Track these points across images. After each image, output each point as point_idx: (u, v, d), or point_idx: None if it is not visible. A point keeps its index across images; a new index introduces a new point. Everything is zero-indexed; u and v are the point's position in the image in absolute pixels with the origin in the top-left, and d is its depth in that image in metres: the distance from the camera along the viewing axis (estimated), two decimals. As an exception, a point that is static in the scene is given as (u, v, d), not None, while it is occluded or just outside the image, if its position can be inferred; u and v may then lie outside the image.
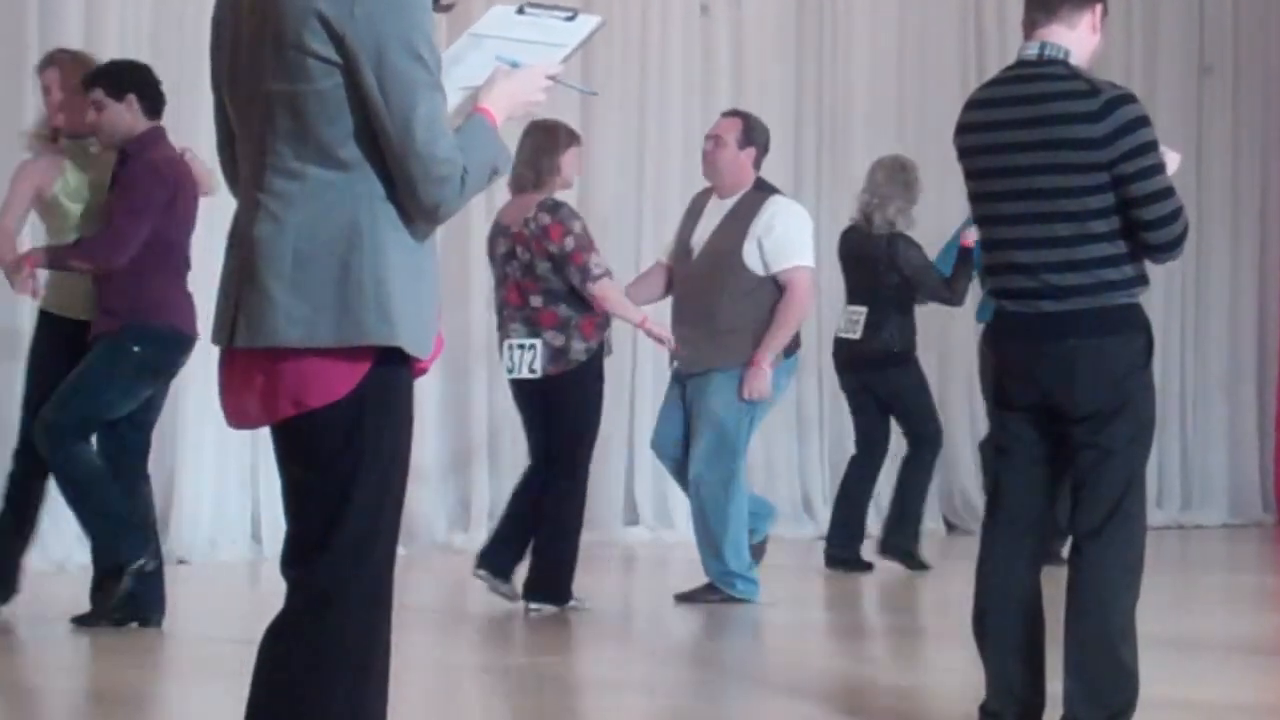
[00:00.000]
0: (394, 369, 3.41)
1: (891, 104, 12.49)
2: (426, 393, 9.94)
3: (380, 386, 3.39)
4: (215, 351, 3.52)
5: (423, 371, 3.50)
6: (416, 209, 3.37)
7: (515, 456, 10.87)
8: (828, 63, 12.39)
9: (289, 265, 3.34)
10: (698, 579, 8.34)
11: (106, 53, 9.54)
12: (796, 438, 12.03)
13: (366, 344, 3.35)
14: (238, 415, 3.49)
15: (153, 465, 9.67)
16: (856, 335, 9.42)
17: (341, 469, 3.39)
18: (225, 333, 3.44)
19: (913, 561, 9.62)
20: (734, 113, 8.65)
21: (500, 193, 8.26)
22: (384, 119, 3.32)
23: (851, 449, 10.00)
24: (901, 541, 9.66)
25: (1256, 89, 13.95)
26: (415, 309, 3.39)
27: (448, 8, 3.57)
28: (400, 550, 3.68)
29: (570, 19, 3.64)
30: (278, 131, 3.37)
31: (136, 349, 6.99)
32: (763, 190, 8.29)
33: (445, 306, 6.14)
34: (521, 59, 3.54)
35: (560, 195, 7.91)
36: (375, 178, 3.36)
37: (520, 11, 3.65)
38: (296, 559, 3.44)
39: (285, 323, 3.33)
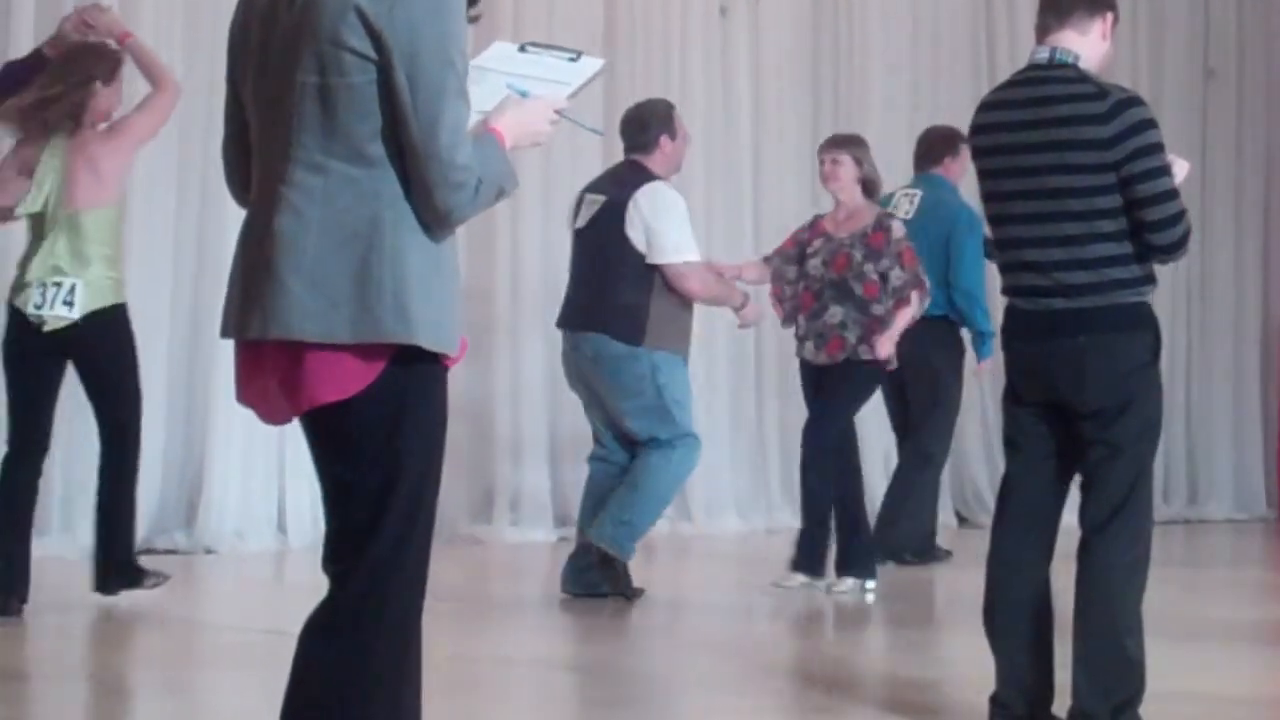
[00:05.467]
0: (425, 366, 3.38)
1: (905, 102, 12.51)
2: (449, 384, 9.97)
3: (416, 383, 3.37)
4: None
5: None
6: (430, 212, 3.33)
7: (537, 448, 10.99)
8: (844, 63, 12.45)
9: (309, 259, 3.30)
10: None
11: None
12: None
13: (382, 341, 3.31)
14: (258, 408, 3.47)
15: (181, 456, 9.86)
16: None
17: (381, 466, 3.37)
18: (237, 325, 3.41)
19: None
20: None
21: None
22: (410, 119, 3.29)
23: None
24: None
25: (1260, 92, 14.03)
26: (435, 307, 3.35)
27: (474, 19, 3.54)
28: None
29: (574, 59, 3.68)
30: (306, 125, 3.34)
31: None
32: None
33: (468, 300, 6.25)
34: (531, 90, 3.57)
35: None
36: (398, 178, 3.33)
37: (522, 49, 3.70)
38: (338, 555, 3.43)
39: (301, 316, 3.29)
